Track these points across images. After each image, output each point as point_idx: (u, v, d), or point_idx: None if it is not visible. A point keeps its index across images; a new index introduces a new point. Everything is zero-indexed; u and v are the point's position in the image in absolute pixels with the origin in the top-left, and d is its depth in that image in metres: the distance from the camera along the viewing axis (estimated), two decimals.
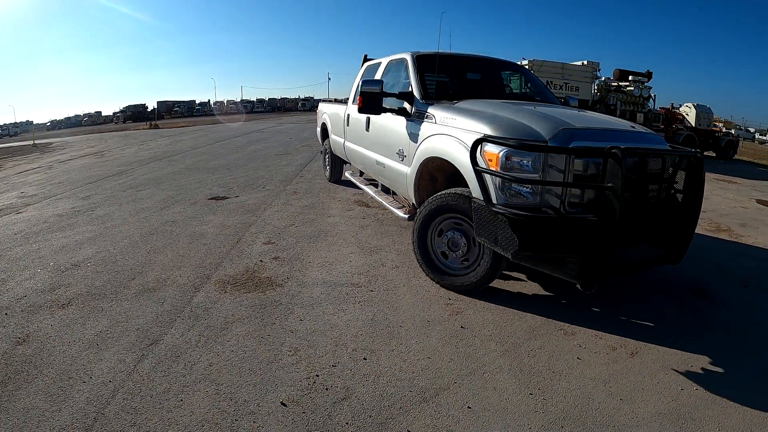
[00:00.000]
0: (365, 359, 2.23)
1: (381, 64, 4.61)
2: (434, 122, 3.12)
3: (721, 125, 20.53)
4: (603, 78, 15.18)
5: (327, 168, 6.75)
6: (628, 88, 14.97)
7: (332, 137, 6.01)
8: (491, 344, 2.43)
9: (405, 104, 3.53)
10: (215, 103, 57.20)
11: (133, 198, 5.67)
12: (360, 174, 5.40)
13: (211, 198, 5.60)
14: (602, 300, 3.03)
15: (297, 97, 60.48)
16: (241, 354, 2.24)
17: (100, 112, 57.97)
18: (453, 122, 2.90)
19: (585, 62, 14.73)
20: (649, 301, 3.07)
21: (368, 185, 4.79)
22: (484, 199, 2.44)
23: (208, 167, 8.26)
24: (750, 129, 41.21)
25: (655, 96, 15.40)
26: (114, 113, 53.77)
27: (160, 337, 2.37)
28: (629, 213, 2.44)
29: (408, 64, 3.87)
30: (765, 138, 38.56)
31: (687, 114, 16.60)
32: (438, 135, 3.01)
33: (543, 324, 2.67)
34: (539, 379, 2.14)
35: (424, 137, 3.18)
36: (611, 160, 2.20)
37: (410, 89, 3.63)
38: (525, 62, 13.89)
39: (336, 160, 6.33)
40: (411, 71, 3.78)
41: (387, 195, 4.31)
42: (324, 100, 7.43)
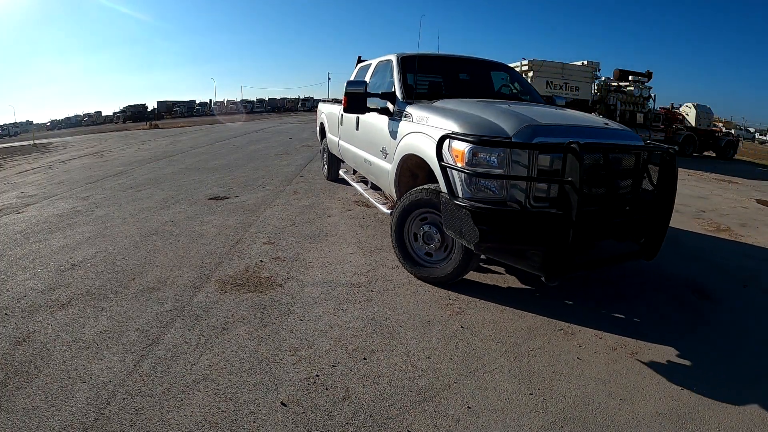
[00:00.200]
0: (365, 359, 2.24)
1: (371, 65, 4.76)
2: (411, 121, 3.22)
3: (721, 125, 20.54)
4: (603, 78, 15.19)
5: (325, 166, 6.85)
6: (628, 88, 14.98)
7: (329, 136, 6.12)
8: (491, 344, 2.43)
9: (388, 104, 3.65)
10: (215, 103, 57.23)
11: (133, 198, 5.67)
12: (354, 172, 5.46)
13: (211, 198, 5.60)
14: (602, 300, 3.03)
15: (297, 97, 60.50)
16: (241, 354, 2.24)
17: (100, 112, 58.03)
18: (427, 120, 3.00)
19: (585, 62, 14.74)
20: (649, 301, 3.07)
21: (359, 182, 4.90)
22: (449, 193, 2.52)
23: (208, 167, 8.26)
24: (750, 129, 41.23)
25: (655, 96, 15.43)
26: (114, 113, 53.81)
27: (160, 337, 2.37)
28: (594, 207, 2.52)
29: (393, 65, 4.00)
30: (765, 138, 38.57)
31: (687, 114, 16.62)
32: (414, 133, 3.11)
33: (543, 324, 2.67)
34: (539, 379, 2.14)
35: (403, 135, 3.28)
36: (570, 155, 2.27)
37: (393, 89, 3.77)
38: (525, 62, 13.90)
39: (333, 159, 6.38)
40: (395, 72, 3.91)
41: (374, 192, 4.43)
42: (323, 101, 7.46)
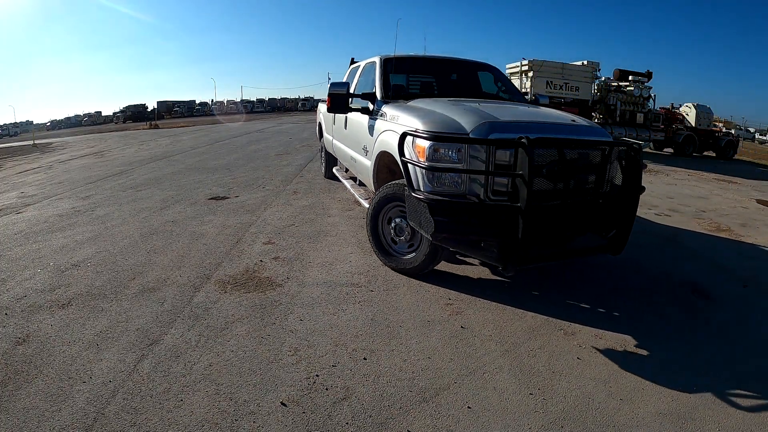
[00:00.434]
0: (365, 359, 2.24)
1: (360, 67, 4.96)
2: (386, 119, 3.37)
3: (721, 125, 20.53)
4: (603, 78, 15.19)
5: (323, 164, 7.00)
6: (628, 88, 14.98)
7: (325, 135, 6.30)
8: (491, 344, 2.43)
9: (368, 104, 3.80)
10: (215, 103, 57.19)
11: (133, 198, 5.67)
12: (346, 170, 5.56)
13: (211, 198, 5.60)
14: (602, 300, 3.03)
15: (297, 97, 60.42)
16: (241, 354, 2.24)
17: (100, 112, 57.94)
18: (398, 119, 3.14)
19: (585, 62, 14.74)
20: (649, 301, 3.07)
21: (348, 179, 5.02)
22: (409, 187, 2.63)
23: (208, 167, 8.26)
24: (750, 129, 41.21)
25: (655, 96, 15.43)
26: (114, 113, 53.74)
27: (160, 337, 2.37)
28: (553, 201, 2.58)
29: (376, 66, 4.16)
30: (765, 138, 38.55)
31: (687, 114, 16.61)
32: (387, 131, 3.26)
33: (543, 324, 2.67)
34: (539, 379, 2.14)
35: (379, 133, 3.43)
36: (521, 150, 2.36)
37: (374, 90, 3.93)
38: (525, 62, 13.90)
39: (330, 157, 6.50)
40: (377, 73, 4.07)
41: (360, 188, 4.57)
42: (323, 101, 7.48)
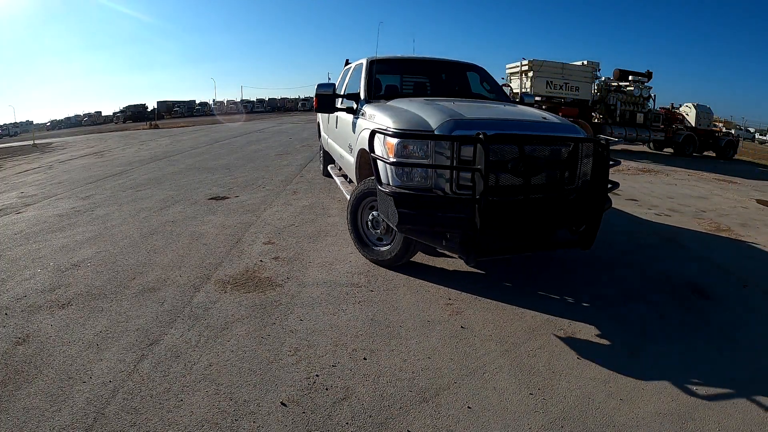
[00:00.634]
0: (365, 359, 2.24)
1: (351, 68, 5.14)
2: (366, 118, 3.50)
3: (721, 125, 20.51)
4: (603, 78, 15.19)
5: (321, 163, 7.11)
6: (628, 88, 14.98)
7: (322, 134, 6.50)
8: (491, 344, 2.43)
9: (353, 103, 3.96)
10: (215, 103, 57.15)
11: (133, 198, 5.67)
12: (339, 168, 5.65)
13: (211, 198, 5.60)
14: (602, 300, 3.03)
15: (297, 97, 60.36)
16: (241, 354, 2.24)
17: (100, 112, 57.87)
18: (374, 118, 3.26)
19: (585, 62, 14.74)
20: (649, 301, 3.07)
21: (339, 176, 5.13)
22: (377, 181, 2.76)
23: (208, 167, 8.26)
24: (750, 129, 41.17)
25: (655, 96, 15.43)
26: (114, 113, 53.69)
27: (160, 337, 2.37)
28: (513, 195, 2.68)
29: (362, 68, 4.31)
30: (765, 138, 38.54)
31: (687, 114, 16.61)
32: (366, 129, 3.35)
33: (543, 324, 2.67)
34: (539, 379, 2.14)
35: (360, 131, 3.58)
36: (479, 145, 2.44)
37: (359, 90, 4.08)
38: (525, 62, 13.90)
39: (327, 155, 6.60)
40: (363, 74, 4.21)
41: (349, 185, 4.66)
42: None
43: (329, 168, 6.06)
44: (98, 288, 2.96)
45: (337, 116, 4.63)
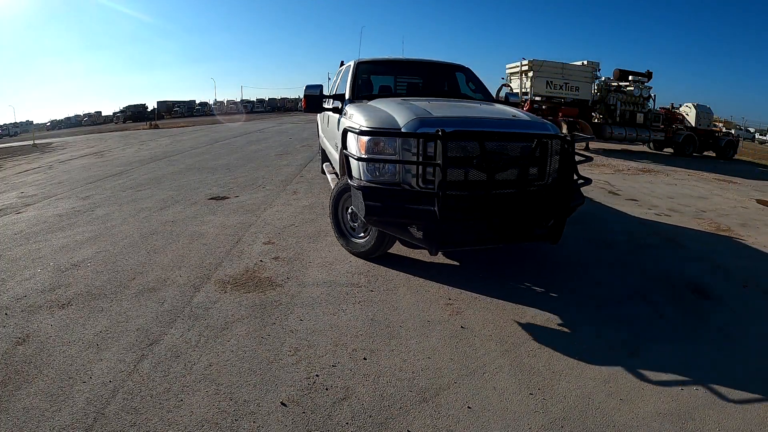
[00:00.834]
0: (365, 359, 2.24)
1: (343, 69, 5.37)
2: (347, 117, 3.64)
3: (721, 125, 20.51)
4: (603, 78, 15.19)
5: (321, 162, 7.18)
6: (628, 88, 14.98)
7: (320, 133, 6.69)
8: (491, 344, 2.43)
9: (339, 103, 4.12)
10: (215, 103, 57.13)
11: (133, 198, 5.67)
12: (332, 166, 5.71)
13: (211, 198, 5.60)
14: (603, 300, 3.03)
15: (297, 97, 60.28)
16: (241, 354, 2.24)
17: (100, 112, 57.81)
18: (352, 117, 3.42)
19: (585, 62, 14.74)
20: (649, 301, 3.07)
21: (332, 173, 5.21)
22: (348, 176, 2.94)
23: (208, 167, 8.26)
24: (750, 129, 41.15)
25: (655, 96, 15.44)
26: (114, 113, 53.65)
27: (160, 337, 2.37)
28: (475, 189, 2.81)
29: (350, 69, 4.51)
30: (765, 138, 38.52)
31: (687, 114, 16.61)
32: (345, 128, 3.47)
33: (543, 323, 2.67)
34: (539, 379, 2.14)
35: (341, 129, 3.62)
36: (440, 142, 2.57)
37: (344, 91, 4.28)
38: (525, 62, 13.91)
39: (323, 154, 6.70)
40: (349, 75, 4.42)
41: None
42: None
43: (324, 166, 6.18)
44: (98, 288, 2.96)
45: (328, 116, 4.83)
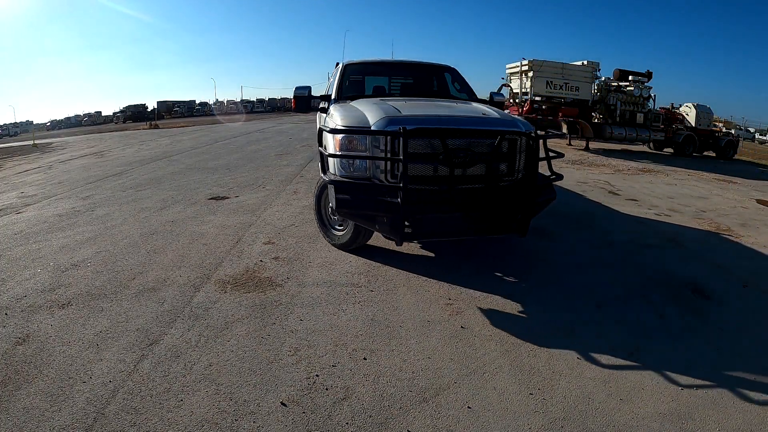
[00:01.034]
0: (365, 359, 2.24)
1: (335, 70, 5.45)
2: (329, 117, 3.73)
3: (721, 125, 20.50)
4: (603, 78, 15.18)
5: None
6: (628, 88, 14.97)
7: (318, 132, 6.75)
8: (491, 344, 2.43)
9: (326, 104, 4.27)
10: (215, 103, 57.07)
11: (133, 198, 5.67)
12: None
13: (212, 198, 5.60)
14: (602, 300, 3.03)
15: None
16: (241, 354, 2.24)
17: (100, 112, 57.75)
18: (332, 117, 3.52)
19: (585, 62, 14.73)
20: (649, 301, 3.07)
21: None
22: (321, 170, 3.10)
23: (208, 167, 8.26)
24: (750, 129, 41.12)
25: (655, 96, 15.42)
26: (114, 113, 53.61)
27: (160, 337, 2.37)
28: (437, 184, 2.93)
29: (339, 70, 4.68)
30: (765, 138, 38.51)
31: (687, 114, 16.59)
32: (320, 127, 3.60)
33: (543, 323, 2.67)
34: (539, 379, 2.14)
35: (318, 128, 3.79)
36: (401, 138, 2.71)
37: (330, 91, 4.45)
38: (525, 62, 13.90)
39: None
40: (336, 76, 4.58)
41: None
42: None
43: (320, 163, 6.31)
44: (98, 288, 2.96)
45: (318, 116, 5.02)
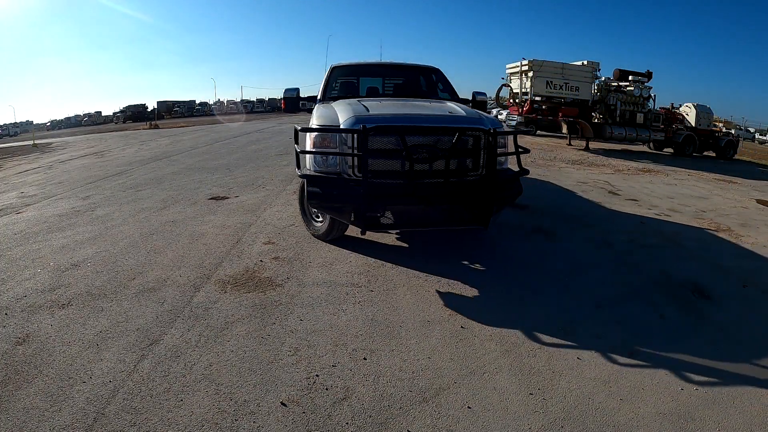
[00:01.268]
0: (365, 359, 2.24)
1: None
2: (311, 116, 3.94)
3: (721, 125, 20.51)
4: (603, 78, 15.18)
5: None
6: (628, 88, 14.97)
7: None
8: (491, 344, 2.43)
9: (313, 104, 4.51)
10: (215, 103, 57.03)
11: (133, 198, 5.67)
12: None
13: (212, 198, 5.60)
14: (602, 300, 3.03)
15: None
16: (241, 354, 2.24)
17: (100, 112, 57.72)
18: (313, 117, 3.75)
19: (585, 62, 14.73)
20: (649, 301, 3.07)
21: None
22: (297, 166, 3.24)
23: (208, 167, 8.26)
24: (750, 129, 41.12)
25: (655, 96, 15.42)
26: (114, 113, 53.59)
27: (160, 337, 2.37)
28: (399, 178, 3.13)
29: (326, 73, 5.00)
30: (765, 138, 38.51)
31: (687, 114, 16.59)
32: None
33: (543, 323, 2.67)
34: (539, 379, 2.14)
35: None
36: (361, 135, 2.90)
37: (317, 93, 4.75)
38: (525, 62, 13.90)
39: None
40: (324, 78, 4.89)
41: None
42: None
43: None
44: (98, 288, 2.96)
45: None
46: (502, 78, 15.33)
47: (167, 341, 2.33)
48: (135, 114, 48.99)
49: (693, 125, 16.22)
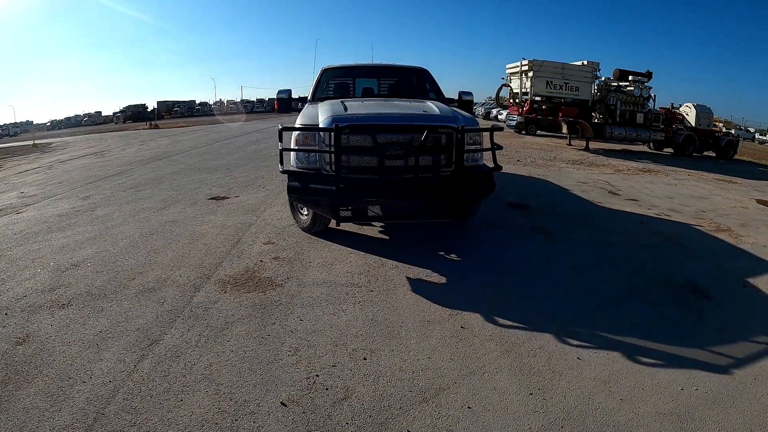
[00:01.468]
0: (365, 359, 2.24)
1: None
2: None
3: (721, 125, 20.49)
4: (603, 78, 15.17)
5: None
6: (628, 88, 14.97)
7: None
8: (491, 344, 2.43)
9: (303, 105, 4.68)
10: (215, 103, 57.01)
11: (133, 198, 5.67)
12: None
13: (211, 198, 5.60)
14: (602, 300, 3.03)
15: (297, 97, 60.07)
16: (241, 354, 2.24)
17: (100, 112, 57.67)
18: (299, 117, 3.86)
19: (585, 62, 14.72)
20: (649, 301, 3.07)
21: None
22: (280, 162, 3.39)
23: (208, 167, 8.26)
24: (750, 129, 41.08)
25: (655, 96, 15.42)
26: (114, 113, 53.55)
27: (160, 337, 2.37)
28: (370, 174, 3.28)
29: (318, 74, 5.20)
30: (765, 138, 38.49)
31: (687, 114, 16.58)
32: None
33: (543, 323, 2.66)
34: (539, 379, 2.14)
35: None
36: (334, 133, 3.09)
37: (308, 94, 4.96)
38: (525, 62, 13.89)
39: None
40: (315, 79, 5.08)
41: None
42: None
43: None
44: (98, 288, 2.96)
45: None
46: (502, 78, 15.33)
47: (167, 341, 2.33)
48: (135, 114, 48.96)
49: (693, 125, 16.22)
